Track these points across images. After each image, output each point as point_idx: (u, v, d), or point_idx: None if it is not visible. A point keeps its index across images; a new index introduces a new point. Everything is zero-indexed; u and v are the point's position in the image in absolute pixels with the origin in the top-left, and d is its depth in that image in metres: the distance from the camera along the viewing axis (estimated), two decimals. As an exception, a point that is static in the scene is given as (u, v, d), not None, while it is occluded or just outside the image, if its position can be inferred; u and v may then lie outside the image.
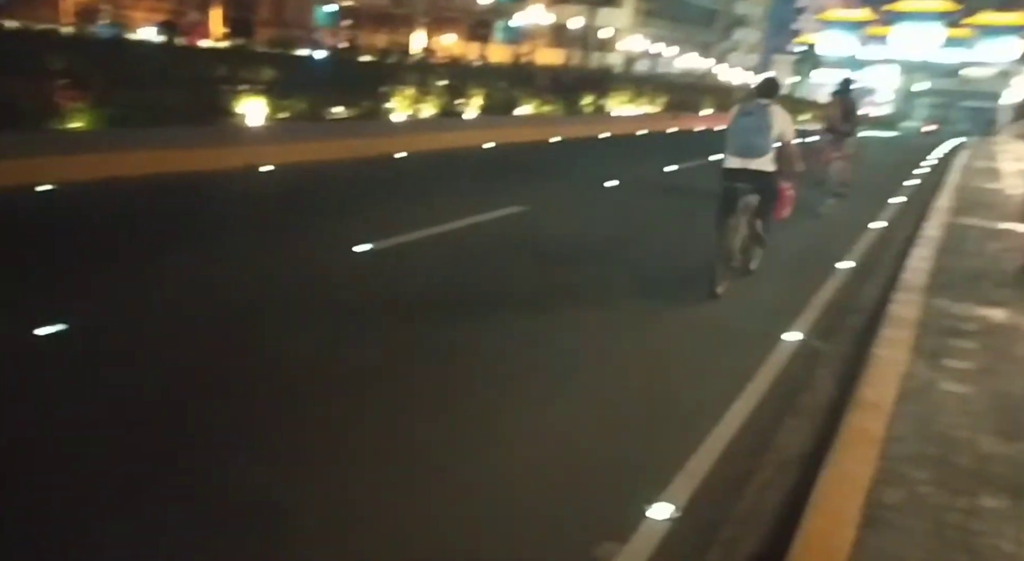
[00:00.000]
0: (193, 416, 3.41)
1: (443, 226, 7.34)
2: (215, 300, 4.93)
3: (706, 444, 3.50)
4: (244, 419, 3.42)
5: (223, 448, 3.15)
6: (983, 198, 11.93)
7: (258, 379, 3.85)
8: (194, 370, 3.88)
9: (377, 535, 2.68)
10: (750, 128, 5.97)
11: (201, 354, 4.08)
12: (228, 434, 3.27)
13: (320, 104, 12.74)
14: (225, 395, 3.63)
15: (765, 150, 5.93)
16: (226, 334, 4.40)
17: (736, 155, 6.05)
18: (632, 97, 25.25)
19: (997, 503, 2.94)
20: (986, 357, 4.57)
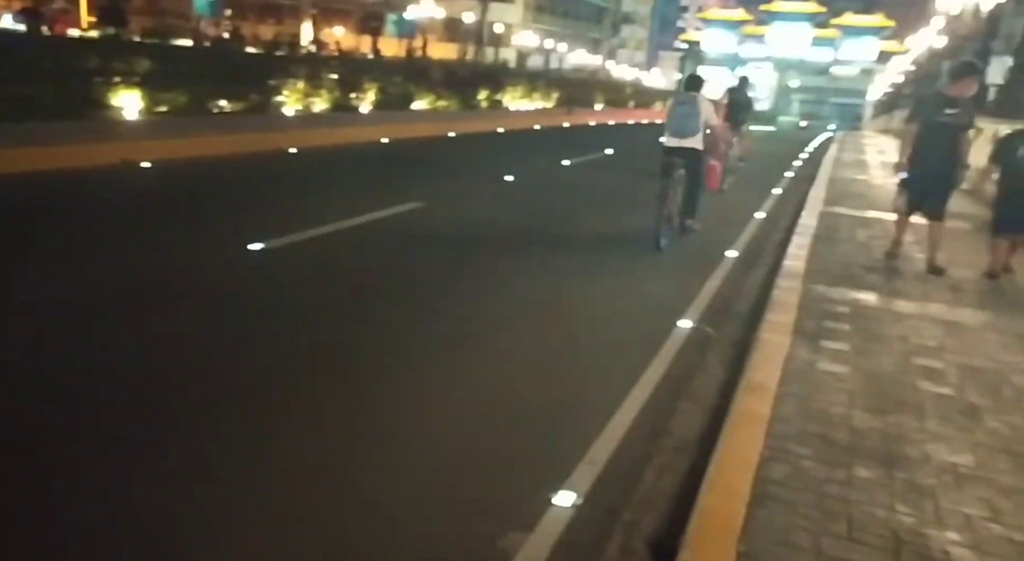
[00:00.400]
0: (50, 436, 3.20)
1: (340, 223, 7.19)
2: (75, 304, 4.64)
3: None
4: (113, 434, 3.24)
5: (79, 466, 2.98)
6: (852, 188, 12.79)
7: (126, 387, 3.65)
8: (47, 380, 3.63)
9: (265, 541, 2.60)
10: (683, 114, 7.56)
11: (56, 363, 3.83)
12: (87, 456, 3.09)
13: (203, 97, 12.16)
14: (82, 408, 3.43)
15: (696, 131, 7.58)
16: (88, 343, 4.15)
17: (673, 136, 7.64)
18: (527, 92, 25.50)
19: (870, 473, 3.17)
20: (858, 338, 4.92)
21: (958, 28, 23.87)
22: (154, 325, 4.44)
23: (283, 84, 13.85)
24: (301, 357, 4.19)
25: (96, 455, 3.03)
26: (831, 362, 4.44)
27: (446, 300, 5.42)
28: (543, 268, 6.55)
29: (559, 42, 55.84)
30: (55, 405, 3.41)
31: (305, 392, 3.77)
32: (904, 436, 3.55)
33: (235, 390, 3.71)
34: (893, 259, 7.20)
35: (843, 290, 6.03)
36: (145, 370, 3.84)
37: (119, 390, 3.61)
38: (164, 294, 5.00)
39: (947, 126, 6.51)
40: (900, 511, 2.90)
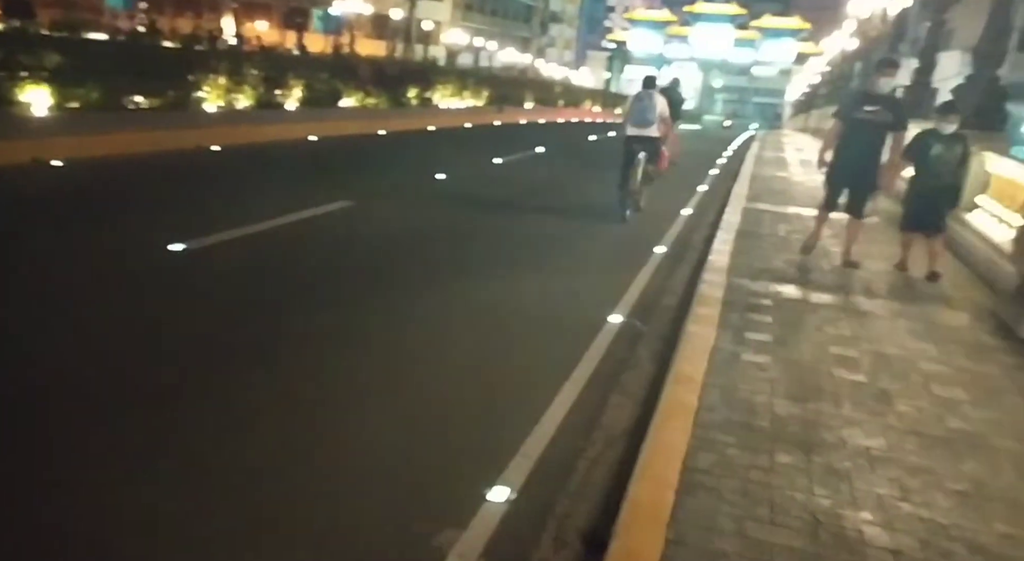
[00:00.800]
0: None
1: (266, 223, 7.02)
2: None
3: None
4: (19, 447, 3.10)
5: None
6: (773, 185, 13.25)
7: (27, 391, 3.49)
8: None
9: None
10: (642, 108, 9.05)
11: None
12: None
13: (118, 93, 11.66)
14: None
15: (653, 122, 9.05)
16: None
17: (634, 126, 9.15)
18: (457, 90, 25.42)
19: (791, 459, 3.31)
20: (779, 329, 5.11)
21: (868, 31, 24.99)
22: (66, 329, 4.25)
23: (203, 80, 13.42)
24: (219, 362, 4.08)
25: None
26: (754, 353, 4.59)
27: (374, 300, 5.36)
28: (473, 267, 6.56)
29: (488, 40, 55.92)
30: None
31: (224, 399, 3.67)
32: (822, 422, 3.71)
33: (144, 396, 3.59)
34: (808, 252, 7.28)
35: (765, 283, 6.25)
36: (51, 375, 3.68)
37: (21, 395, 3.45)
38: (77, 298, 4.79)
39: (866, 123, 6.52)
40: (818, 494, 3.03)
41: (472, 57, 52.55)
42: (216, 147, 11.72)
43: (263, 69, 15.24)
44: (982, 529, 2.88)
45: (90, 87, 11.09)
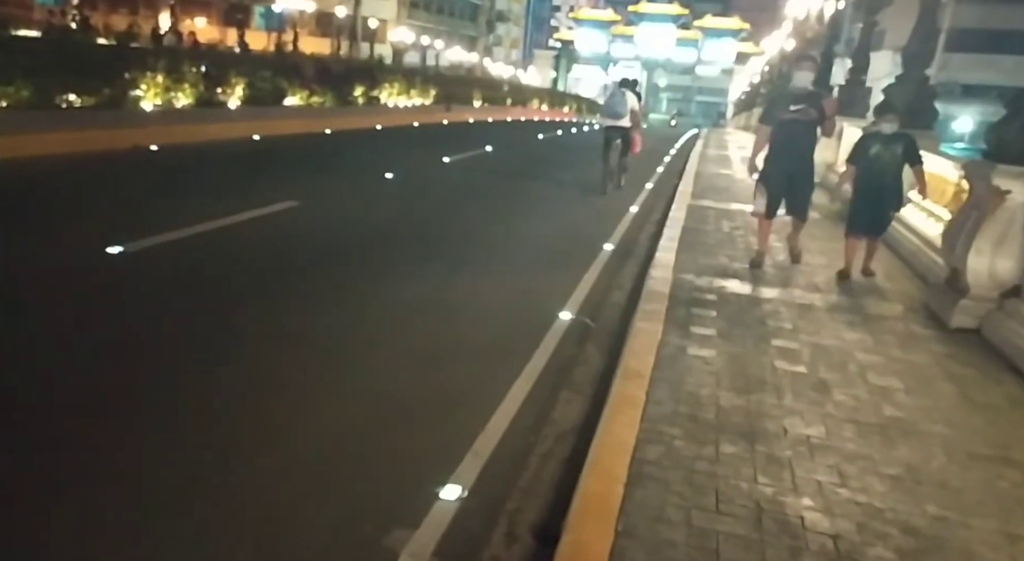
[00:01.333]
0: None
1: (208, 224, 6.87)
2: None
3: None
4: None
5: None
6: (717, 183, 13.53)
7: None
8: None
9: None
10: (616, 103, 11.35)
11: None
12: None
13: (50, 91, 11.24)
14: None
15: (625, 115, 11.26)
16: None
17: (609, 118, 11.55)
18: (404, 89, 25.23)
19: (735, 449, 3.40)
20: (723, 323, 5.23)
21: (805, 31, 25.73)
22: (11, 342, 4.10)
23: (140, 77, 13.03)
24: (157, 367, 3.99)
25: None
26: (700, 347, 4.70)
27: (320, 300, 5.31)
28: (421, 267, 6.54)
29: (435, 39, 55.60)
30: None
31: (155, 404, 3.59)
32: (764, 412, 3.82)
33: (76, 402, 3.49)
34: (757, 268, 6.80)
35: (709, 279, 6.39)
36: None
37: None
38: (8, 302, 4.62)
39: (795, 123, 6.41)
40: (761, 482, 3.12)
41: (419, 55, 52.17)
42: (155, 146, 11.41)
43: (203, 66, 14.87)
44: (915, 512, 3.01)
45: (19, 85, 10.67)
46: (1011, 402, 4.28)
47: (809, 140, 6.56)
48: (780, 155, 6.57)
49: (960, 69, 38.42)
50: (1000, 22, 37.72)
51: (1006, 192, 5.31)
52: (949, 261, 5.93)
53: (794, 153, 6.53)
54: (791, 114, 6.41)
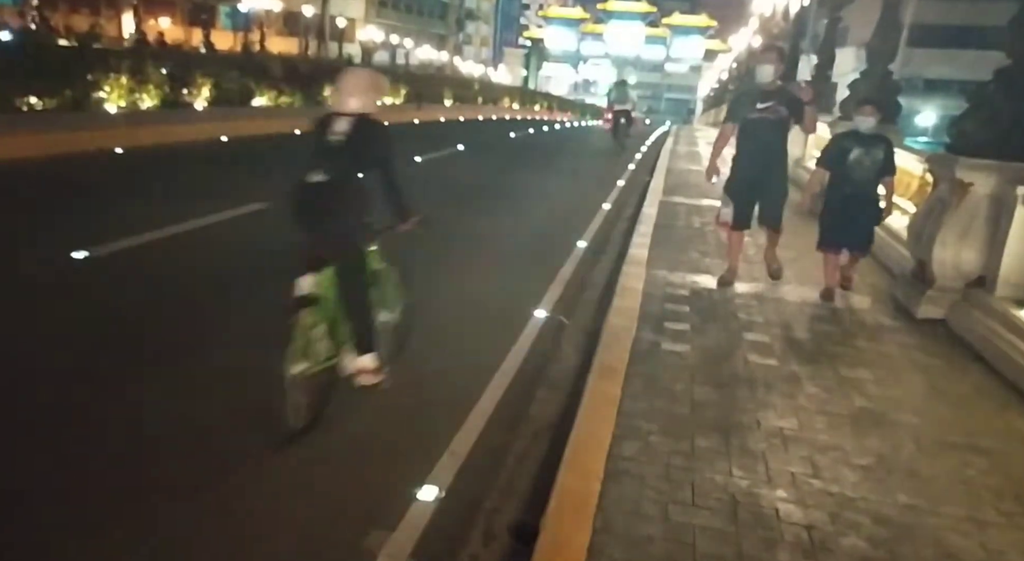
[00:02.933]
0: None
1: (175, 227, 6.77)
2: None
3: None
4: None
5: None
6: (688, 179, 13.63)
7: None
8: None
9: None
10: (623, 94, 19.25)
11: None
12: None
13: (9, 93, 10.98)
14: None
15: (627, 101, 19.32)
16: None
17: (618, 103, 19.30)
18: (373, 88, 25.05)
19: (710, 443, 3.42)
20: (696, 318, 5.27)
21: (771, 28, 26.03)
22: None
23: (103, 79, 12.77)
24: (122, 373, 3.92)
25: None
26: (673, 342, 4.73)
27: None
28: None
29: (404, 38, 55.34)
30: None
31: (124, 409, 3.53)
32: (738, 406, 3.85)
33: (40, 406, 3.42)
34: (726, 287, 6.06)
35: (682, 274, 6.43)
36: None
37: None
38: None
39: (762, 121, 5.68)
40: (736, 475, 3.15)
41: (388, 54, 51.92)
42: (119, 149, 11.20)
43: (168, 67, 14.63)
44: (886, 501, 3.06)
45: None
46: (978, 391, 4.36)
47: (778, 141, 5.77)
48: (747, 158, 5.84)
49: (922, 64, 39.16)
50: (961, 18, 38.51)
51: (969, 184, 5.42)
52: (915, 253, 6.03)
53: (762, 155, 5.76)
54: (757, 112, 5.69)
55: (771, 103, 5.68)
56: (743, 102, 5.96)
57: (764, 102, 5.69)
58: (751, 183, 5.89)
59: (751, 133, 5.79)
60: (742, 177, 5.92)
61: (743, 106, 5.88)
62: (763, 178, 5.86)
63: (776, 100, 5.70)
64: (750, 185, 5.90)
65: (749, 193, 5.94)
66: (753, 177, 5.86)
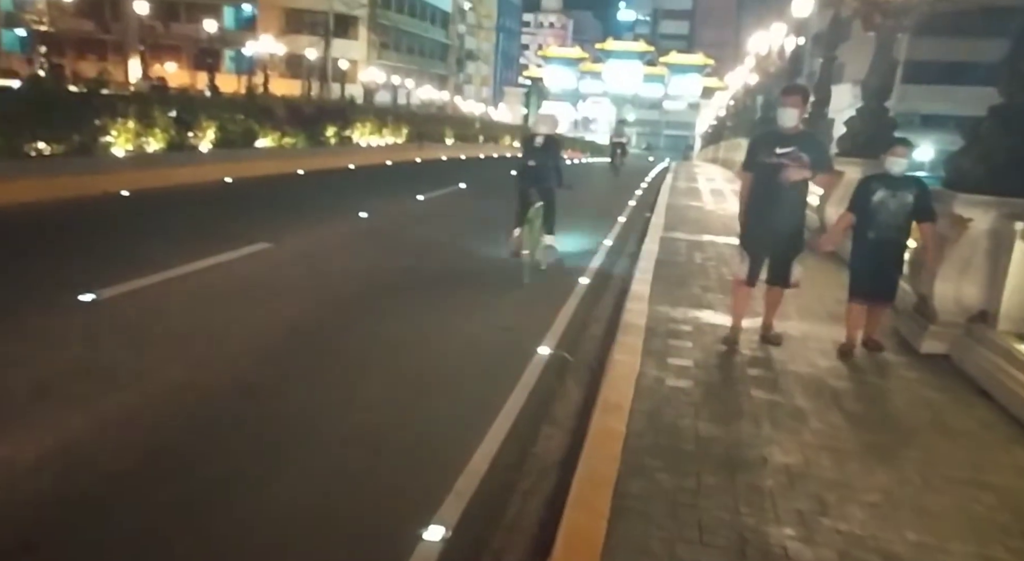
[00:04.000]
0: None
1: (180, 268, 6.81)
2: None
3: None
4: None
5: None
6: (688, 215, 13.74)
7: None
8: None
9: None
10: (620, 128, 28.50)
11: None
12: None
13: (18, 139, 11.15)
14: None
15: (625, 136, 28.29)
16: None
17: (615, 137, 27.10)
18: (377, 128, 25.40)
19: (716, 479, 3.42)
20: (699, 353, 5.29)
21: (767, 66, 26.42)
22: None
23: (111, 123, 12.98)
24: (130, 418, 3.93)
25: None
26: (677, 378, 4.74)
27: (298, 343, 5.28)
28: (399, 306, 6.53)
29: (406, 78, 56.23)
30: None
31: (148, 458, 3.54)
32: (744, 442, 3.85)
33: (50, 451, 3.42)
34: (732, 345, 5.50)
35: (684, 310, 6.46)
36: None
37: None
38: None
39: (781, 168, 5.16)
40: (743, 512, 3.14)
41: (390, 95, 52.68)
42: (126, 192, 11.33)
43: (174, 111, 14.87)
44: (895, 538, 3.04)
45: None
46: (983, 426, 4.36)
47: (796, 190, 5.30)
48: (762, 208, 5.38)
49: (918, 100, 39.69)
50: (954, 55, 39.13)
51: (968, 220, 5.45)
52: (917, 288, 6.06)
53: (779, 205, 5.29)
54: (776, 158, 5.20)
55: (792, 148, 5.18)
56: (761, 146, 5.42)
57: (784, 147, 5.20)
58: (765, 237, 5.44)
59: (767, 180, 5.26)
60: (756, 228, 5.51)
61: (761, 151, 5.36)
62: (779, 231, 5.38)
63: (798, 145, 5.18)
64: (764, 239, 5.46)
65: (763, 246, 5.49)
66: (769, 230, 5.40)
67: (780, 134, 5.33)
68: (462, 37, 79.02)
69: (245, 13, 55.70)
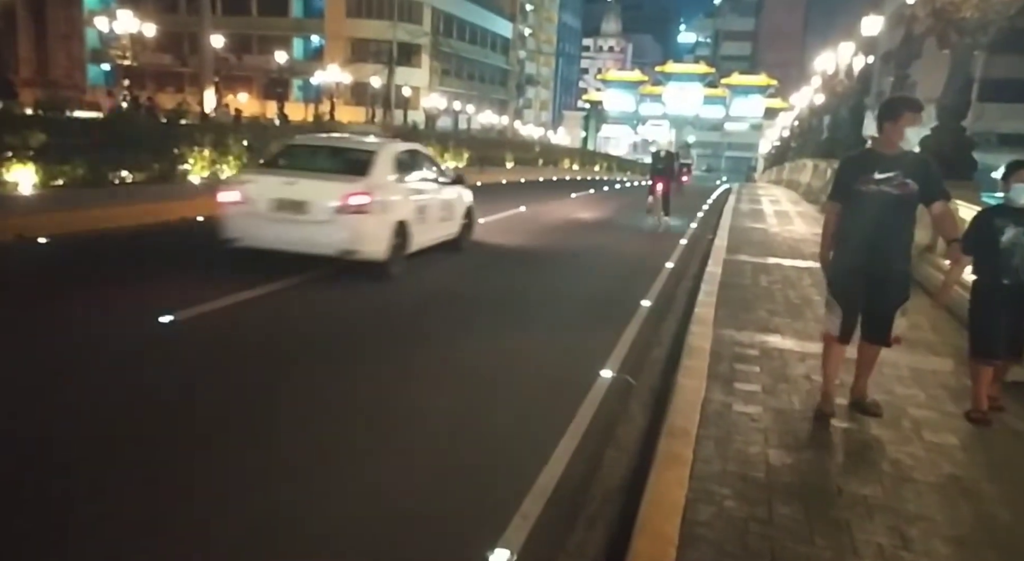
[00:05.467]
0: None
1: (252, 291, 7.04)
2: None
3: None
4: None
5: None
6: (751, 237, 13.49)
7: (27, 464, 3.46)
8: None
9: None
10: (685, 152, 29.95)
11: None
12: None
13: (102, 168, 11.78)
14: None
15: (690, 157, 33.12)
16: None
17: (683, 158, 24.67)
18: (438, 153, 25.87)
19: (788, 509, 3.32)
20: (767, 378, 5.16)
21: (835, 86, 25.90)
22: (62, 401, 4.22)
23: (188, 152, 13.60)
24: (207, 433, 4.06)
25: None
26: (745, 403, 4.63)
27: (366, 365, 5.37)
28: (462, 329, 6.60)
29: (466, 103, 57.19)
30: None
31: (222, 467, 3.65)
32: (816, 471, 3.73)
33: (147, 467, 3.56)
34: (825, 418, 4.46)
35: (750, 333, 6.33)
36: (47, 445, 3.64)
37: (23, 473, 3.41)
38: (72, 371, 4.77)
39: (880, 198, 4.23)
40: (819, 545, 3.04)
41: (451, 120, 53.65)
42: (201, 218, 11.79)
43: (246, 139, 15.47)
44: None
45: (75, 164, 11.21)
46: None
47: (900, 224, 4.32)
48: (856, 246, 4.39)
49: (995, 119, 38.24)
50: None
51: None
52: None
53: (879, 244, 4.31)
54: (875, 186, 4.26)
55: (894, 173, 4.24)
56: (854, 171, 4.43)
57: (884, 171, 4.26)
58: (858, 283, 4.40)
59: (862, 212, 4.32)
60: (847, 272, 4.47)
61: (854, 176, 4.38)
62: (875, 275, 4.36)
63: (902, 170, 4.24)
64: (858, 283, 4.40)
65: (857, 294, 4.43)
66: (863, 274, 4.38)
67: (878, 155, 4.38)
68: (522, 63, 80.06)
69: (313, 44, 57.77)
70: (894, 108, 4.37)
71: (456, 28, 62.55)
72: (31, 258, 8.40)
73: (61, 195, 10.82)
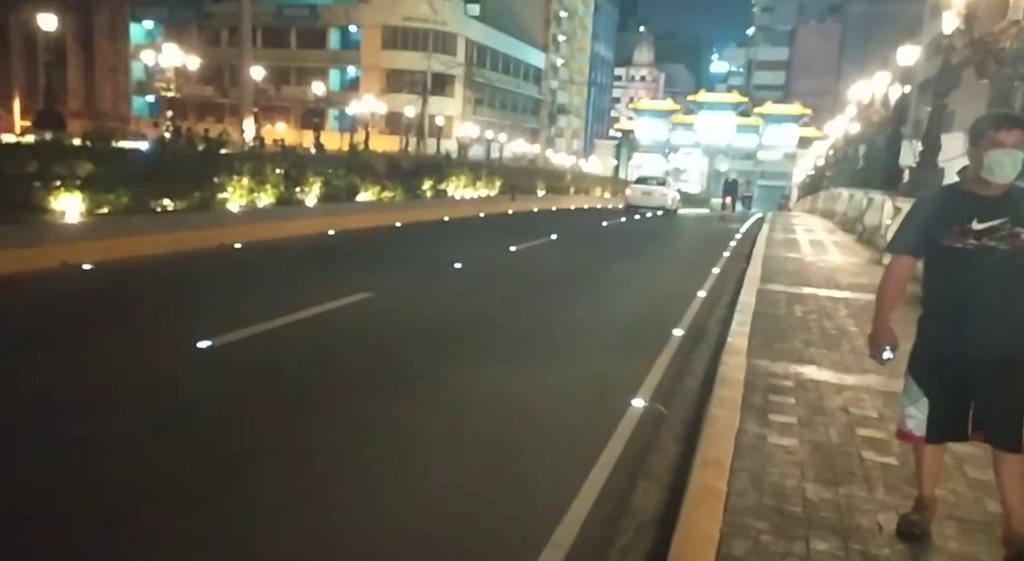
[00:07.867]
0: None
1: (289, 317, 7.15)
2: (20, 408, 4.49)
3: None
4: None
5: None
6: (785, 266, 13.34)
7: (69, 492, 3.53)
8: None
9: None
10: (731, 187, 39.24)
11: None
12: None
13: (146, 197, 12.15)
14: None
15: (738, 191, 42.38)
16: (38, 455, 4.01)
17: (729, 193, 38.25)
18: (471, 181, 26.17)
19: (827, 546, 3.25)
20: (803, 410, 5.08)
21: (870, 115, 25.70)
22: (103, 428, 4.32)
23: (227, 181, 13.95)
24: (246, 459, 4.11)
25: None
26: (780, 435, 4.56)
27: (395, 391, 5.41)
28: (495, 352, 6.61)
29: (499, 132, 57.78)
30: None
31: (256, 497, 3.69)
32: (855, 506, 3.65)
33: (181, 494, 3.61)
34: (916, 532, 3.34)
35: (785, 364, 6.24)
36: (91, 471, 3.72)
37: (62, 499, 3.48)
38: (113, 397, 4.88)
39: (983, 254, 3.06)
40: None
41: (483, 149, 54.23)
42: (239, 245, 12.05)
43: (283, 168, 15.83)
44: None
45: (120, 193, 11.57)
46: None
47: (1012, 287, 3.10)
48: (952, 317, 3.17)
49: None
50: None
51: None
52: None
53: (982, 314, 3.10)
54: (974, 238, 3.08)
55: (1001, 221, 3.05)
56: (940, 216, 3.19)
57: (986, 219, 3.07)
58: (958, 364, 3.18)
59: (959, 275, 3.15)
60: (942, 352, 3.24)
61: (941, 224, 3.16)
62: (983, 359, 3.12)
63: (1011, 215, 3.05)
64: (959, 368, 3.18)
65: (955, 382, 3.20)
66: (962, 354, 3.15)
67: (975, 197, 3.13)
68: (554, 92, 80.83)
69: (350, 75, 59.12)
70: (983, 128, 3.16)
71: (490, 59, 63.54)
72: (75, 285, 8.64)
73: (106, 223, 11.16)
